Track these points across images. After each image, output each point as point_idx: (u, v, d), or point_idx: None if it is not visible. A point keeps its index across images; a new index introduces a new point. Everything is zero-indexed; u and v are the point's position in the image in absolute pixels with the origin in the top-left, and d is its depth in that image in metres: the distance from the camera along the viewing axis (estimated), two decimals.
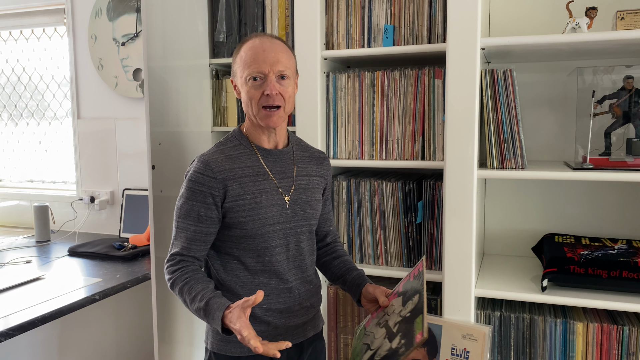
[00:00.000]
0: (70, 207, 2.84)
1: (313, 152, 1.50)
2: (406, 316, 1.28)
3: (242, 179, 1.32)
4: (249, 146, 1.37)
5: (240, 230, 1.31)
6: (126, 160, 2.71)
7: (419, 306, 1.26)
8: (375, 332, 1.36)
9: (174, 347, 1.78)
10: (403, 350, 1.22)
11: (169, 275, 1.31)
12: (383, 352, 1.27)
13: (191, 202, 1.30)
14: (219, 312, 1.19)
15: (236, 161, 1.34)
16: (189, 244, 1.32)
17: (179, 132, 1.80)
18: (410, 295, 1.32)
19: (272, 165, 1.37)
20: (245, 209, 1.31)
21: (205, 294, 1.23)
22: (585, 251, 1.58)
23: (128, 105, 2.68)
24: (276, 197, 1.35)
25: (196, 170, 1.31)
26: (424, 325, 1.21)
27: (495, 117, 1.58)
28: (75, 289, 1.83)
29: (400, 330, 1.27)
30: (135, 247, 2.33)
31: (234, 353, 1.35)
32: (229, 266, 1.35)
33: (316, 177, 1.46)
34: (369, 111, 1.77)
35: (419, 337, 1.21)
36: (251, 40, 1.33)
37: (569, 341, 1.56)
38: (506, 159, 1.58)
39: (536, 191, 1.91)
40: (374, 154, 1.78)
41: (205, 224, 1.31)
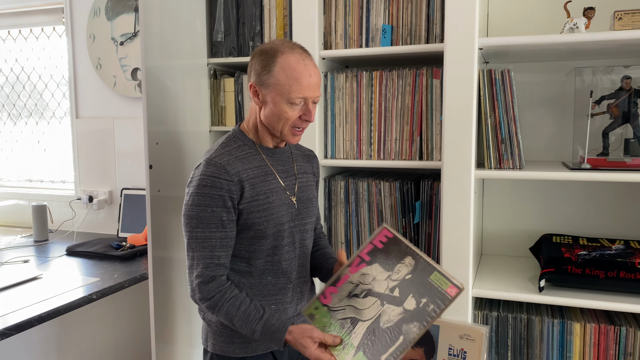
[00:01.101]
0: (68, 207, 2.84)
1: (304, 150, 1.51)
2: (406, 278, 1.25)
3: (254, 180, 1.30)
4: (253, 146, 1.35)
5: (254, 231, 1.30)
6: (125, 159, 2.71)
7: (424, 265, 1.24)
8: (357, 304, 1.29)
9: (172, 347, 1.78)
10: (435, 308, 1.20)
11: (203, 294, 1.26)
12: (394, 316, 1.23)
13: (211, 209, 1.25)
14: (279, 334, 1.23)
15: (245, 162, 1.31)
16: (217, 253, 1.27)
17: (177, 132, 1.80)
18: (395, 259, 1.29)
19: (276, 165, 1.37)
20: (260, 210, 1.30)
21: (257, 315, 1.26)
22: (583, 251, 1.58)
23: (126, 104, 2.68)
24: (284, 197, 1.35)
25: (211, 175, 1.25)
26: (451, 279, 1.21)
27: (493, 117, 1.57)
28: (72, 289, 1.83)
29: (411, 291, 1.24)
30: (133, 247, 2.33)
31: (237, 354, 1.35)
32: (237, 268, 1.34)
33: (310, 174, 1.47)
34: (366, 111, 1.77)
35: (455, 290, 1.20)
36: (291, 54, 1.26)
37: (566, 341, 1.56)
38: (504, 159, 1.58)
39: (534, 191, 1.91)
40: (372, 154, 1.78)
41: (229, 229, 1.28)
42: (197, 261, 1.27)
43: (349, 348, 1.25)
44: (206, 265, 1.27)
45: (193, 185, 1.27)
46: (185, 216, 1.28)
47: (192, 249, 1.28)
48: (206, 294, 1.26)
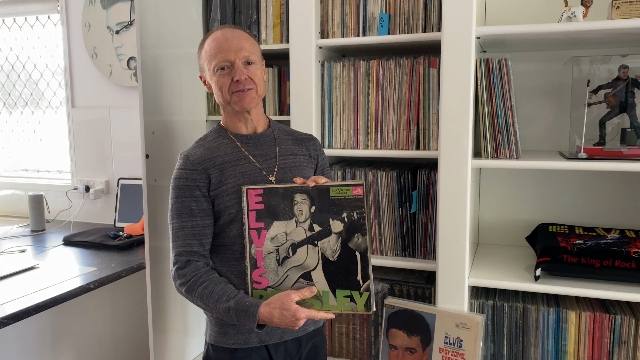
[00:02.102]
0: (65, 197, 2.84)
1: (298, 135, 1.50)
2: (312, 212, 1.26)
3: (223, 165, 1.33)
4: (228, 136, 1.39)
5: (227, 215, 1.32)
6: (121, 149, 2.70)
7: (316, 191, 1.26)
8: (294, 262, 1.27)
9: (169, 336, 1.78)
10: (358, 213, 1.24)
11: (181, 280, 1.29)
12: (334, 244, 1.25)
13: (181, 200, 1.31)
14: (253, 308, 1.22)
15: (215, 151, 1.35)
16: (189, 241, 1.31)
17: (173, 121, 1.79)
18: (286, 206, 1.28)
19: (252, 150, 1.38)
20: (229, 193, 1.31)
21: (232, 294, 1.26)
22: (579, 241, 1.59)
23: (122, 94, 2.67)
24: (260, 179, 1.35)
25: (178, 168, 1.34)
26: (349, 183, 1.25)
27: (490, 106, 1.57)
28: (69, 278, 1.83)
29: (328, 217, 1.25)
30: (130, 237, 2.33)
31: (230, 345, 1.35)
32: (224, 256, 1.35)
33: (302, 156, 1.45)
34: (363, 100, 1.77)
35: (359, 188, 1.24)
36: (213, 33, 1.36)
37: (561, 330, 1.57)
38: (500, 149, 1.58)
39: (530, 181, 1.91)
40: (369, 144, 1.78)
41: (200, 217, 1.31)
42: (173, 251, 1.32)
43: (325, 295, 1.27)
44: (179, 253, 1.31)
45: (171, 180, 1.35)
46: (168, 210, 1.35)
47: (171, 239, 1.34)
48: (183, 278, 1.29)
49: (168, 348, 1.78)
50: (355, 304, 1.25)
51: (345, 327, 1.88)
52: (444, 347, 1.59)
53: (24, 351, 1.93)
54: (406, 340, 1.65)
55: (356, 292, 1.25)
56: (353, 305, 1.25)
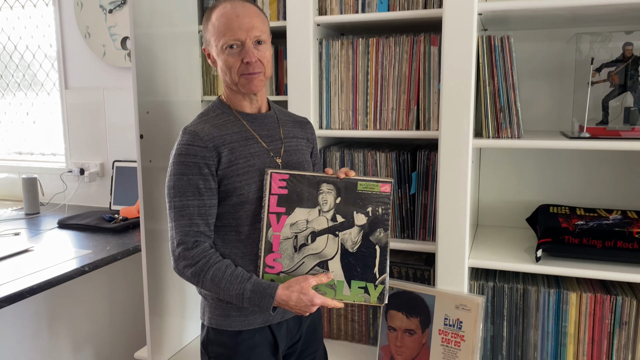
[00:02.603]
0: (59, 180, 2.81)
1: (296, 117, 1.48)
2: (337, 203, 1.27)
3: (233, 144, 1.29)
4: (232, 113, 1.34)
5: (236, 197, 1.28)
6: (116, 131, 2.67)
7: (344, 183, 1.28)
8: (312, 250, 1.27)
9: (166, 319, 1.77)
10: (383, 209, 1.27)
11: (187, 261, 1.24)
12: (356, 236, 1.27)
13: (187, 177, 1.25)
14: (271, 290, 1.21)
15: (223, 129, 1.30)
16: (196, 221, 1.25)
17: (168, 102, 1.76)
18: (310, 193, 1.28)
19: (258, 130, 1.35)
20: (240, 174, 1.28)
21: (245, 276, 1.24)
22: (580, 221, 1.57)
23: (117, 74, 2.62)
24: (268, 160, 1.32)
25: (185, 143, 1.26)
26: (377, 179, 1.27)
27: (492, 85, 1.54)
28: (64, 261, 1.81)
29: (352, 209, 1.27)
30: (125, 219, 2.31)
31: (234, 327, 1.32)
32: (227, 238, 1.32)
33: (302, 139, 1.44)
34: (362, 79, 1.73)
35: (388, 185, 1.27)
36: (222, 6, 1.28)
37: (562, 311, 1.56)
38: (502, 128, 1.55)
39: (531, 162, 1.89)
40: (368, 124, 1.75)
41: (207, 197, 1.26)
42: (177, 230, 1.27)
43: (340, 285, 1.27)
44: (185, 233, 1.26)
45: (172, 156, 1.28)
46: (166, 187, 1.28)
47: (172, 219, 1.28)
48: (190, 259, 1.25)
49: (165, 331, 1.77)
50: (369, 295, 1.27)
51: (343, 309, 1.87)
52: (443, 329, 1.57)
53: (19, 334, 1.92)
54: (405, 321, 1.63)
55: (371, 285, 1.27)
56: (366, 296, 1.27)
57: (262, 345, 1.34)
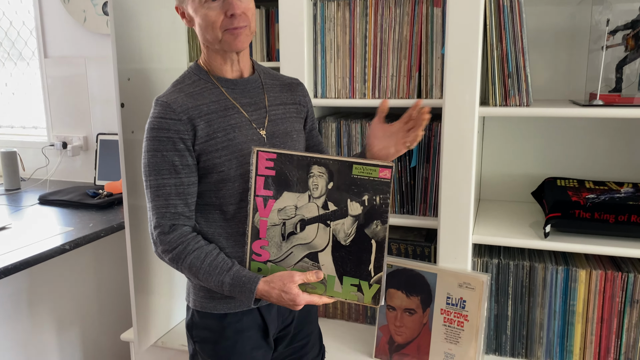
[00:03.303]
0: (41, 154, 2.68)
1: (284, 79, 1.35)
2: (330, 188, 1.13)
3: (209, 116, 1.16)
4: (210, 80, 1.21)
5: (216, 174, 1.17)
6: (100, 102, 2.54)
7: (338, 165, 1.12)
8: (301, 240, 1.15)
9: (152, 299, 1.68)
10: (382, 198, 1.10)
11: (164, 247, 1.14)
12: (349, 228, 1.12)
13: (161, 154, 1.13)
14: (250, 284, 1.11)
15: (199, 98, 1.17)
16: (173, 201, 1.15)
17: (151, 69, 1.63)
18: (300, 176, 1.14)
19: (239, 97, 1.22)
20: (219, 149, 1.16)
21: (225, 266, 1.14)
22: (591, 195, 1.48)
23: (99, 42, 2.48)
24: (251, 132, 1.20)
25: (157, 116, 1.14)
26: (376, 162, 1.10)
27: (500, 49, 1.43)
28: (44, 239, 1.70)
29: (346, 197, 1.12)
30: (110, 195, 2.20)
31: (219, 310, 1.24)
32: (211, 217, 1.21)
33: (291, 105, 1.31)
34: (360, 44, 1.62)
35: (388, 170, 1.09)
36: None
37: (570, 289, 1.48)
38: (510, 96, 1.45)
39: (536, 132, 1.79)
40: (366, 92, 1.64)
41: (184, 174, 1.15)
42: (153, 212, 1.16)
43: (331, 280, 1.14)
44: (162, 214, 1.15)
45: (145, 131, 1.16)
46: (142, 165, 1.17)
47: (149, 199, 1.17)
48: (167, 245, 1.14)
49: (152, 312, 1.68)
50: (363, 294, 1.13)
51: None
52: (445, 308, 1.49)
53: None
54: (405, 301, 1.55)
55: (365, 283, 1.12)
56: (360, 295, 1.13)
57: (250, 329, 1.25)
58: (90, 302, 2.16)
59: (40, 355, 1.98)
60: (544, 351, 1.54)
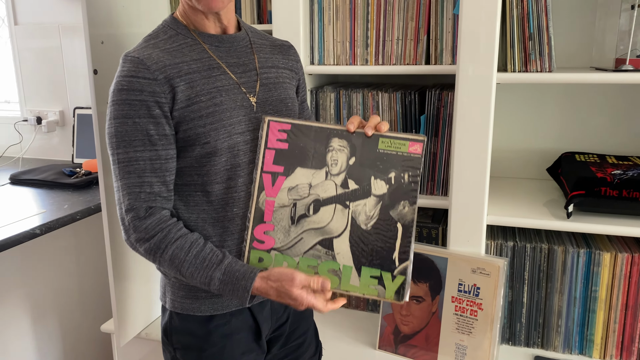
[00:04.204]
0: (14, 130, 2.49)
1: (274, 41, 1.17)
2: (351, 164, 0.99)
3: (191, 76, 0.98)
4: (190, 35, 1.02)
5: (199, 147, 0.98)
6: (76, 74, 2.35)
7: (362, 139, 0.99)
8: (313, 224, 1.00)
9: (134, 285, 1.53)
10: (411, 175, 0.97)
11: (139, 234, 0.96)
12: (372, 210, 0.98)
13: (132, 120, 0.94)
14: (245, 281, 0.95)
15: (178, 55, 0.99)
16: (148, 179, 0.96)
17: (128, 34, 1.46)
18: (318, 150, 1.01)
19: (225, 57, 1.04)
20: (202, 115, 0.98)
21: (215, 258, 0.98)
22: (617, 171, 1.35)
23: (73, 7, 2.28)
24: (240, 97, 1.02)
25: (126, 74, 0.94)
26: (405, 136, 0.98)
27: (520, 7, 1.28)
28: (13, 222, 1.54)
29: (369, 174, 0.98)
30: (89, 174, 2.04)
31: (204, 312, 1.07)
32: (192, 200, 1.03)
33: (284, 69, 1.14)
34: (362, 4, 1.45)
35: (419, 145, 0.97)
36: None
37: (592, 273, 1.36)
38: (530, 60, 1.30)
39: (552, 103, 1.65)
40: (368, 58, 1.48)
41: (161, 146, 0.96)
42: (124, 191, 0.97)
43: (347, 271, 0.99)
44: (135, 195, 0.96)
45: (110, 93, 0.96)
46: (106, 136, 0.97)
47: (117, 177, 0.97)
48: (143, 232, 0.96)
49: (134, 300, 1.54)
50: (384, 288, 0.98)
51: None
52: (457, 296, 1.36)
53: None
54: (412, 287, 1.42)
55: (388, 274, 0.97)
56: (380, 289, 0.98)
57: (240, 331, 1.09)
58: (69, 290, 2.01)
59: (14, 348, 1.83)
60: (562, 341, 1.42)
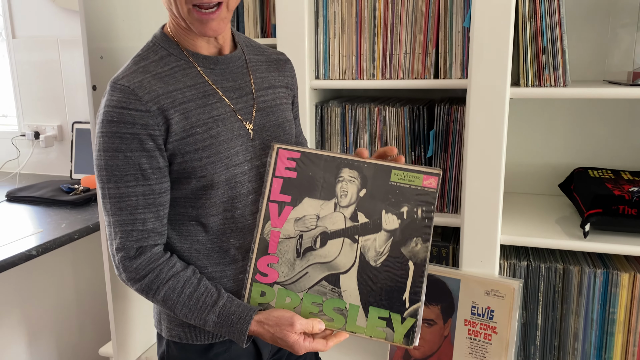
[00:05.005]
0: (11, 145, 2.45)
1: (270, 54, 1.11)
2: (361, 196, 0.95)
3: (186, 106, 0.92)
4: (182, 55, 0.96)
5: (195, 180, 0.93)
6: (75, 88, 2.31)
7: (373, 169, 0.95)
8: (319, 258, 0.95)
9: (133, 306, 1.48)
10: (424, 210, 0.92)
11: (130, 274, 0.92)
12: (382, 246, 0.93)
13: (123, 154, 0.88)
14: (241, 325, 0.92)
15: (170, 81, 0.92)
16: (141, 216, 0.91)
17: (128, 48, 1.42)
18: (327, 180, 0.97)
19: (220, 80, 0.98)
20: (199, 148, 0.92)
21: (209, 299, 0.94)
22: (635, 188, 1.30)
23: (72, 21, 2.25)
24: (237, 126, 0.97)
25: (116, 105, 0.88)
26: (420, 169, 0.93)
27: (534, 19, 1.24)
28: (8, 243, 1.49)
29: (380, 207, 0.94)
30: (87, 190, 1.99)
31: (202, 341, 1.02)
32: (186, 230, 0.99)
33: (280, 88, 1.08)
34: (369, 17, 1.41)
35: (434, 179, 0.93)
36: None
37: (610, 295, 1.31)
38: (544, 74, 1.26)
39: (564, 117, 1.60)
40: (375, 73, 1.44)
41: (154, 180, 0.92)
42: (115, 229, 0.92)
43: (353, 310, 0.94)
44: (127, 233, 0.91)
45: (98, 123, 0.90)
46: (95, 167, 0.92)
47: (108, 212, 0.92)
48: (134, 273, 0.92)
49: (133, 322, 1.48)
50: (393, 331, 0.92)
51: None
52: (470, 319, 1.31)
53: None
54: (424, 310, 1.37)
55: (397, 316, 0.92)
56: (389, 332, 0.92)
57: (240, 357, 1.05)
58: (66, 311, 1.96)
59: None
60: None
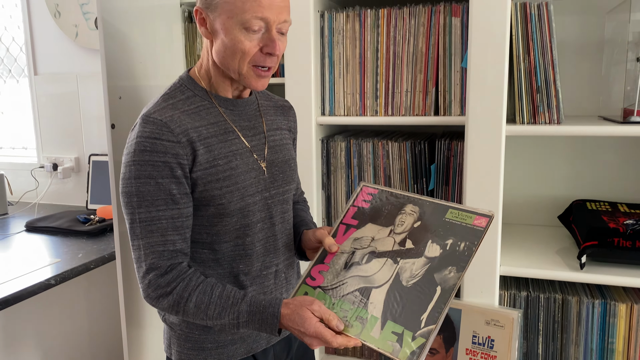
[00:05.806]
0: (30, 176, 2.54)
1: (277, 100, 1.21)
2: (415, 227, 1.04)
3: (209, 140, 1.01)
4: (206, 97, 1.06)
5: (214, 207, 1.02)
6: (92, 121, 2.40)
7: (433, 207, 1.05)
8: (361, 272, 1.03)
9: (146, 337, 1.53)
10: (468, 245, 0.98)
11: (163, 290, 0.97)
12: (418, 269, 0.99)
13: (156, 181, 0.96)
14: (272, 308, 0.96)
15: (196, 118, 1.02)
16: (171, 237, 0.98)
17: (145, 87, 1.50)
18: (391, 212, 1.08)
19: (238, 120, 1.08)
20: (220, 179, 1.01)
21: (238, 295, 0.99)
22: (629, 220, 1.35)
23: (91, 58, 2.36)
24: (251, 160, 1.06)
25: (150, 136, 0.96)
26: (475, 210, 1.01)
27: (527, 61, 1.31)
28: (27, 273, 1.56)
29: (428, 238, 1.01)
30: (103, 220, 2.06)
31: None
32: (198, 257, 1.06)
33: (285, 130, 1.19)
34: (371, 58, 1.49)
35: (484, 219, 0.99)
36: None
37: (608, 325, 1.34)
38: (539, 112, 1.32)
39: (562, 151, 1.66)
40: (378, 109, 1.51)
41: (183, 204, 0.99)
42: (146, 250, 0.98)
43: (372, 322, 0.98)
44: (159, 254, 0.98)
45: (129, 152, 0.98)
46: (123, 194, 0.99)
47: (137, 236, 0.99)
48: (166, 287, 0.98)
49: (145, 347, 1.53)
50: (400, 347, 0.95)
51: None
52: (471, 348, 1.35)
53: None
54: None
55: (410, 333, 0.96)
56: (396, 346, 0.95)
57: None
58: (80, 339, 2.01)
59: None
60: None
